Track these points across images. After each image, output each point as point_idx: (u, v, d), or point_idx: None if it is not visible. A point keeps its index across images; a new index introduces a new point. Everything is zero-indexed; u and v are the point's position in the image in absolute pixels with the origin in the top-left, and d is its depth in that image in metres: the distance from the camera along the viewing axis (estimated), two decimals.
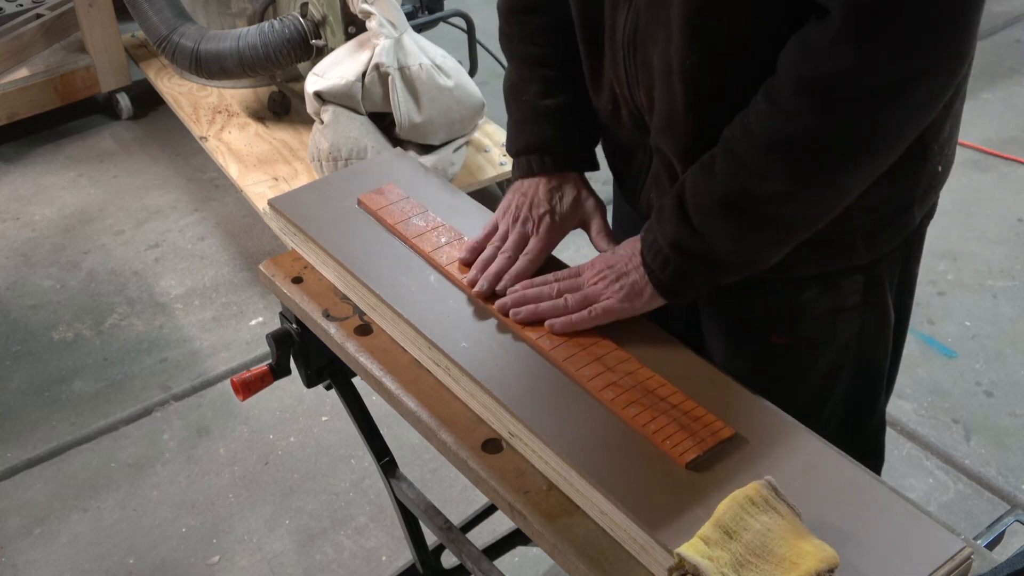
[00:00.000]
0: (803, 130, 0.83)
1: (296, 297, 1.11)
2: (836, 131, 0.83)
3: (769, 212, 0.88)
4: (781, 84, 0.83)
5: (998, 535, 1.58)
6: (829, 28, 0.79)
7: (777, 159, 0.85)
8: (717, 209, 0.89)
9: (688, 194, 0.91)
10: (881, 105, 0.81)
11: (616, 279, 0.96)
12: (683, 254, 0.92)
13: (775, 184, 0.86)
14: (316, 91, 2.31)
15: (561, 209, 1.07)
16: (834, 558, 0.73)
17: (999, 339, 2.29)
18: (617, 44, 0.98)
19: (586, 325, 0.96)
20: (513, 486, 0.87)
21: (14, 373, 2.28)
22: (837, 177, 0.86)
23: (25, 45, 3.08)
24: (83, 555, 1.87)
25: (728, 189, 0.88)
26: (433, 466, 1.98)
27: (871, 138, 0.84)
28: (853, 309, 1.06)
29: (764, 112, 0.85)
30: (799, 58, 0.82)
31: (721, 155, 0.89)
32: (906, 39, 0.78)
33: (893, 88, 0.80)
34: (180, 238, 2.71)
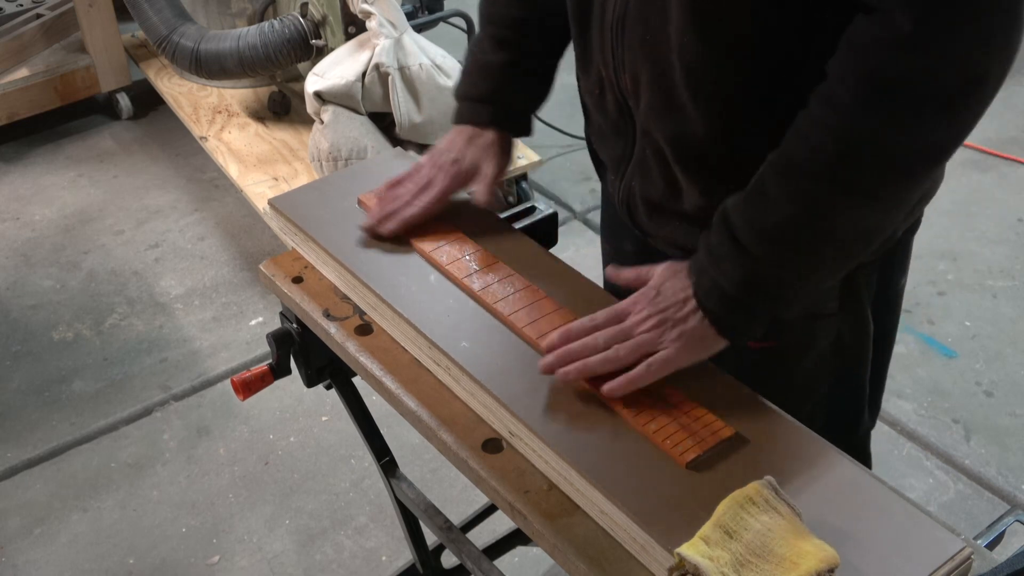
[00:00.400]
0: (878, 136, 0.79)
1: (296, 297, 1.11)
2: (915, 133, 0.79)
3: (845, 228, 0.84)
4: (844, 89, 0.79)
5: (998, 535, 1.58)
6: (896, 26, 0.75)
7: (851, 170, 0.81)
8: (784, 236, 0.84)
9: (742, 228, 0.86)
10: (960, 101, 0.78)
11: (673, 325, 0.89)
12: (752, 292, 0.87)
13: (850, 198, 0.82)
14: (316, 91, 2.31)
15: (468, 158, 1.10)
16: (834, 558, 0.73)
17: (999, 339, 2.30)
18: (606, 25, 0.96)
19: (647, 381, 0.88)
20: (513, 486, 0.87)
21: (14, 373, 2.28)
22: (914, 180, 0.83)
23: (25, 45, 3.09)
24: (83, 555, 1.87)
25: (794, 212, 0.83)
26: (433, 466, 1.98)
27: (949, 135, 0.80)
28: (830, 316, 1.05)
29: (825, 122, 0.81)
30: (862, 59, 0.78)
31: (774, 178, 0.84)
32: (981, 31, 0.75)
33: (972, 82, 0.77)
34: (180, 238, 2.71)
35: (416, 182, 1.11)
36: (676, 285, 0.91)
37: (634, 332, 0.90)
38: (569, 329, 0.92)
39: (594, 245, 2.65)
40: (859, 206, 0.83)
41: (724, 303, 0.87)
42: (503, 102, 1.12)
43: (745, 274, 0.86)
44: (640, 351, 0.89)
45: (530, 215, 1.25)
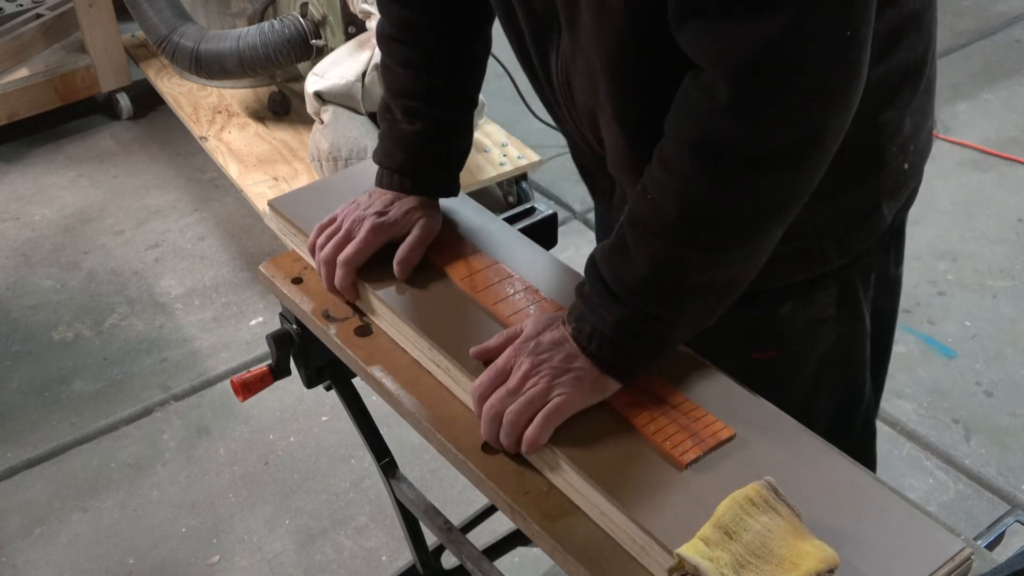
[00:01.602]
0: (712, 197, 0.80)
1: (296, 298, 1.11)
2: (749, 193, 0.80)
3: (699, 280, 0.85)
4: (676, 151, 0.81)
5: (998, 535, 1.57)
6: (715, 93, 0.76)
7: (691, 229, 0.82)
8: (647, 290, 0.85)
9: (610, 278, 0.87)
10: (787, 163, 0.78)
11: (560, 373, 0.88)
12: (632, 336, 0.87)
13: (701, 255, 0.83)
14: (316, 91, 2.31)
15: (392, 214, 1.08)
16: (834, 559, 0.73)
17: (999, 339, 2.29)
18: (554, 88, 0.98)
19: (548, 432, 0.86)
20: (513, 487, 0.87)
21: (14, 373, 2.28)
22: (762, 234, 0.83)
23: (25, 45, 3.08)
24: (83, 555, 1.87)
25: (651, 268, 0.84)
26: (433, 466, 1.98)
27: (788, 191, 0.81)
28: (829, 320, 1.05)
29: (664, 183, 0.82)
30: (689, 123, 0.79)
31: (631, 233, 0.85)
32: (801, 95, 0.75)
33: (800, 142, 0.77)
34: (180, 238, 2.71)
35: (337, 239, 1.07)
36: (554, 335, 0.90)
37: (523, 388, 0.87)
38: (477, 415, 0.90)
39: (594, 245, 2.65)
40: (712, 261, 0.83)
41: (607, 347, 0.87)
42: (423, 171, 1.10)
43: (622, 319, 0.86)
44: (533, 407, 0.86)
45: (530, 215, 1.26)
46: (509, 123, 2.83)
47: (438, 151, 1.11)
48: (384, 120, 1.12)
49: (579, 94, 0.94)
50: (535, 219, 1.25)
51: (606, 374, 0.88)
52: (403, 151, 1.09)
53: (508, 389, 0.88)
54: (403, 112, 1.09)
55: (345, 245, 1.06)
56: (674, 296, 0.85)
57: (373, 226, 1.06)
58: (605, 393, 0.89)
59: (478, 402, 0.90)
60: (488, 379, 0.90)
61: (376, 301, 1.05)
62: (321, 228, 1.09)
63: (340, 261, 1.05)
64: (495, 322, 1.00)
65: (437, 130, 1.09)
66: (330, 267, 1.06)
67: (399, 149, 1.10)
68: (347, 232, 1.07)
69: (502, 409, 0.87)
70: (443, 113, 1.09)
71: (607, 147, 0.96)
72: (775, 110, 0.75)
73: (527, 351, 0.89)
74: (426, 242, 1.08)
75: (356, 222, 1.07)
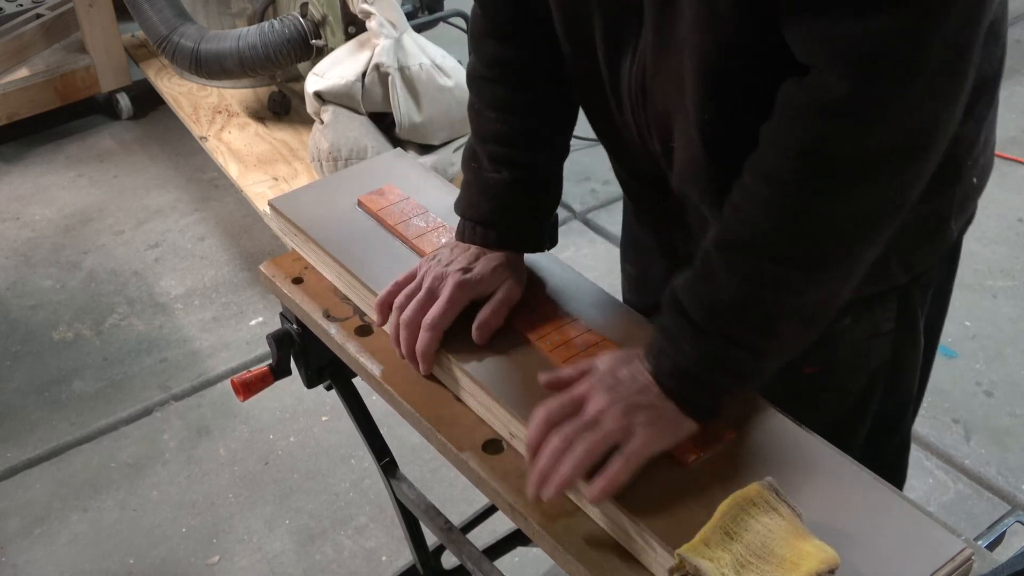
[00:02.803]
0: (815, 207, 0.76)
1: (296, 298, 1.11)
2: (854, 202, 0.76)
3: (792, 303, 0.80)
4: (776, 159, 0.76)
5: (998, 536, 1.58)
6: (828, 89, 0.72)
7: (789, 243, 0.77)
8: (736, 315, 0.80)
9: (692, 307, 0.82)
10: (897, 165, 0.75)
11: (640, 411, 0.82)
12: (715, 369, 0.82)
13: (796, 272, 0.78)
14: (316, 91, 2.31)
15: (477, 271, 0.99)
16: (835, 559, 0.73)
17: (999, 339, 2.29)
18: (622, 93, 0.92)
19: (627, 477, 0.80)
20: (513, 487, 0.87)
21: (14, 373, 2.28)
22: (862, 246, 0.79)
23: (25, 45, 3.08)
24: (83, 555, 1.87)
25: (741, 290, 0.79)
26: (433, 466, 1.98)
27: (893, 199, 0.77)
28: (887, 334, 1.02)
29: (760, 195, 0.77)
30: (794, 127, 0.75)
31: (719, 256, 0.80)
32: (920, 91, 0.72)
33: (913, 144, 0.74)
34: (180, 238, 2.71)
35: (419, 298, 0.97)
36: (632, 369, 0.85)
37: (601, 421, 0.82)
38: (529, 440, 0.84)
39: (594, 245, 2.65)
40: (809, 280, 0.79)
41: (688, 383, 0.82)
42: (510, 224, 1.01)
43: (705, 352, 0.81)
44: (609, 441, 0.81)
45: None
46: None
47: (527, 202, 1.02)
48: (468, 169, 1.04)
49: (657, 99, 0.88)
50: None
51: (686, 414, 0.83)
52: (488, 201, 1.01)
53: (583, 420, 0.82)
54: (490, 159, 1.01)
55: (428, 305, 0.96)
56: (764, 321, 0.80)
57: (458, 283, 0.97)
58: (683, 435, 0.84)
59: (544, 426, 0.83)
60: (560, 405, 0.84)
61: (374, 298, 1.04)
62: (398, 285, 1.00)
63: (426, 324, 0.95)
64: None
65: (526, 179, 1.01)
66: (412, 330, 0.96)
67: (484, 199, 1.01)
68: (429, 291, 0.97)
69: (575, 438, 0.81)
70: (534, 160, 1.01)
71: (677, 158, 0.90)
72: (890, 108, 0.72)
73: (604, 386, 0.84)
74: (511, 304, 0.99)
75: (438, 279, 0.98)
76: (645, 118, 0.92)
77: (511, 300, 0.99)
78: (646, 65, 0.88)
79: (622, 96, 0.92)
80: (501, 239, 1.01)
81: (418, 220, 1.14)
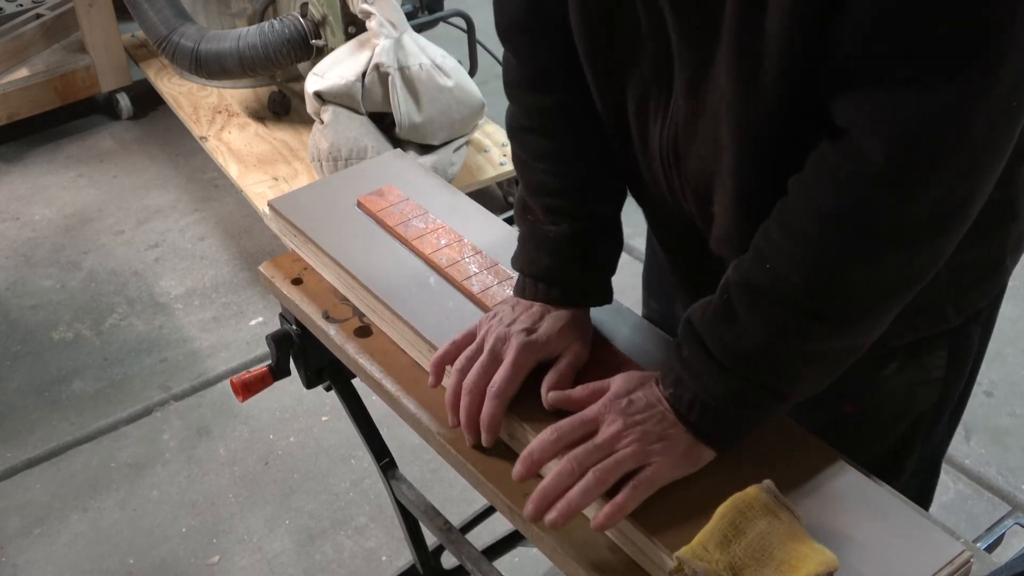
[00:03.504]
0: (846, 270, 0.74)
1: (296, 298, 1.11)
2: (887, 266, 0.74)
3: (818, 349, 0.78)
4: (808, 220, 0.74)
5: (998, 537, 1.57)
6: (865, 156, 0.70)
7: (817, 302, 0.76)
8: (760, 359, 0.78)
9: (714, 345, 0.80)
10: (931, 235, 0.73)
11: (656, 439, 0.80)
12: (738, 405, 0.80)
13: (818, 326, 0.76)
14: (316, 91, 2.31)
15: (542, 332, 0.92)
16: (833, 562, 0.73)
17: (999, 339, 2.28)
18: (653, 154, 0.89)
19: (636, 505, 0.78)
20: (512, 488, 0.87)
21: (14, 373, 2.28)
22: (891, 304, 0.77)
23: (25, 45, 3.08)
24: (83, 555, 1.87)
25: (766, 337, 0.77)
26: (433, 466, 1.98)
27: (926, 262, 0.75)
28: (935, 381, 0.99)
29: (789, 251, 0.75)
30: (827, 191, 0.73)
31: (743, 300, 0.78)
32: (960, 163, 0.70)
33: (950, 214, 0.72)
34: (180, 238, 2.71)
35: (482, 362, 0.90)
36: (649, 395, 0.82)
37: (615, 447, 0.79)
38: (531, 452, 0.81)
39: None
40: (835, 333, 0.77)
41: (710, 416, 0.80)
42: (573, 278, 0.95)
43: (728, 389, 0.79)
44: (622, 469, 0.79)
45: None
46: None
47: (588, 254, 0.96)
48: (524, 222, 0.98)
49: (692, 164, 0.85)
50: None
51: (702, 443, 0.81)
52: (548, 256, 0.95)
53: (596, 444, 0.80)
54: (545, 212, 0.95)
55: (492, 371, 0.89)
56: (790, 367, 0.79)
57: (523, 346, 0.90)
58: (698, 464, 0.82)
59: (553, 443, 0.81)
60: (572, 427, 0.81)
61: (372, 298, 1.04)
62: (456, 345, 0.93)
63: (492, 393, 0.88)
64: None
65: (585, 230, 0.95)
66: (476, 398, 0.89)
67: (543, 254, 0.95)
68: (492, 353, 0.90)
69: (587, 463, 0.79)
70: (591, 209, 0.95)
71: (716, 222, 0.87)
72: (930, 181, 0.70)
73: (618, 409, 0.81)
74: (578, 367, 0.93)
75: (500, 341, 0.91)
76: (679, 180, 0.88)
77: (579, 363, 0.93)
78: (678, 130, 0.85)
79: (652, 159, 0.89)
80: (566, 296, 0.94)
81: (418, 221, 1.13)
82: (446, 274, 1.06)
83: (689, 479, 0.82)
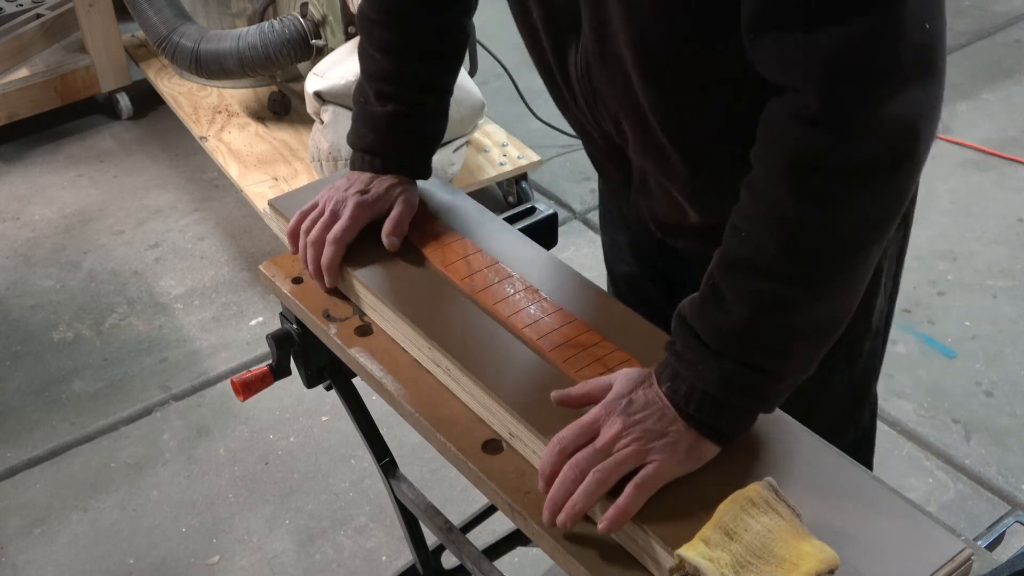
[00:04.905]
0: (811, 221, 0.77)
1: (296, 297, 1.11)
2: (847, 211, 0.76)
3: (803, 322, 0.80)
4: (767, 178, 0.78)
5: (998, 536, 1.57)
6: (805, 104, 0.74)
7: (794, 262, 0.78)
8: (749, 337, 0.80)
9: (705, 331, 0.81)
10: (885, 169, 0.75)
11: (656, 437, 0.81)
12: (734, 391, 0.81)
13: (799, 291, 0.78)
14: (316, 91, 2.31)
15: (372, 193, 1.10)
16: (834, 559, 0.73)
17: (999, 339, 2.29)
18: (572, 82, 0.97)
19: (639, 506, 0.79)
20: (513, 487, 0.87)
21: (14, 373, 2.28)
22: (863, 255, 0.80)
23: (25, 45, 3.08)
24: (83, 555, 1.87)
25: (752, 313, 0.79)
26: (433, 466, 1.98)
27: (884, 206, 0.78)
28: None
29: (759, 217, 0.79)
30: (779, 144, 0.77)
31: (726, 279, 0.81)
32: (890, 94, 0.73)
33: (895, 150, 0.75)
34: (180, 238, 2.71)
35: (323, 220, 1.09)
36: (648, 393, 0.84)
37: (613, 449, 0.81)
38: (543, 468, 0.83)
39: (594, 245, 2.65)
40: (816, 297, 0.79)
41: (707, 407, 0.81)
42: (394, 152, 1.12)
43: (723, 374, 0.80)
44: (623, 469, 0.80)
45: (530, 215, 1.26)
46: (509, 123, 2.83)
47: (409, 132, 1.13)
48: (356, 103, 1.14)
49: (603, 85, 0.94)
50: (535, 219, 1.25)
51: (703, 437, 0.82)
52: (373, 132, 1.12)
53: (596, 448, 0.81)
54: (376, 95, 1.11)
55: (332, 224, 1.08)
56: (779, 342, 0.80)
57: (357, 203, 1.09)
58: (700, 461, 0.82)
59: (558, 456, 0.82)
60: (573, 434, 0.83)
61: (372, 297, 1.04)
62: (303, 214, 1.11)
63: (329, 239, 1.07)
64: (495, 323, 1.00)
65: (409, 112, 1.11)
66: (318, 247, 1.08)
67: (369, 130, 1.12)
68: (332, 213, 1.09)
69: (587, 468, 0.80)
70: (416, 97, 1.12)
71: (632, 139, 0.96)
72: (867, 113, 0.73)
73: (619, 410, 0.83)
74: (410, 215, 1.11)
75: (339, 203, 1.09)
76: (596, 103, 0.97)
77: (409, 212, 1.11)
78: (588, 57, 0.93)
79: (572, 82, 0.98)
80: (386, 165, 1.12)
81: (417, 220, 1.14)
82: (446, 273, 1.06)
83: (690, 477, 0.82)
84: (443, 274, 1.07)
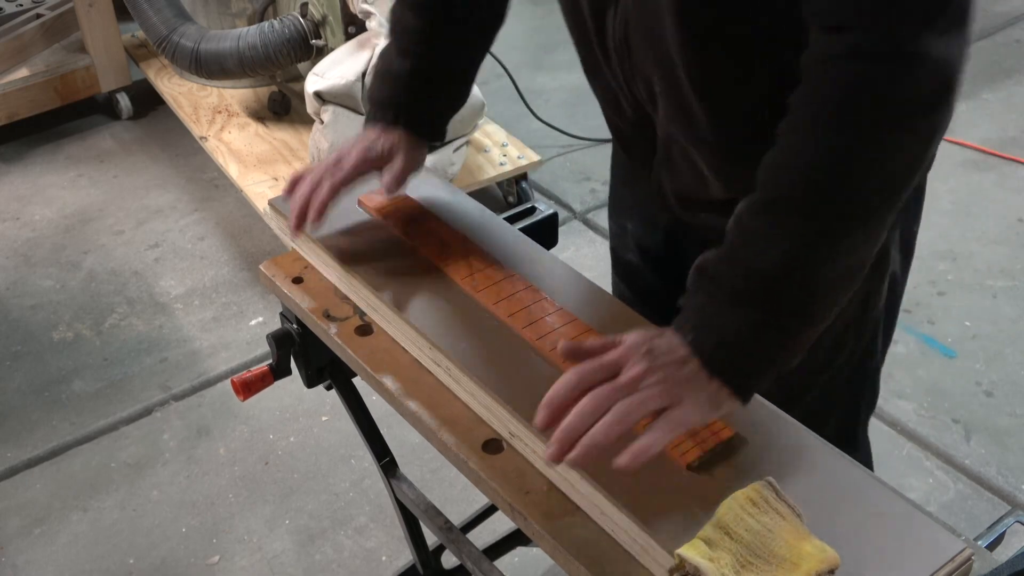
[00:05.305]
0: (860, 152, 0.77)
1: (296, 297, 1.11)
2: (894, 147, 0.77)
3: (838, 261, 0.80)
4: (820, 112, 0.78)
5: (998, 536, 1.57)
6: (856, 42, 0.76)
7: (833, 194, 0.78)
8: (782, 274, 0.79)
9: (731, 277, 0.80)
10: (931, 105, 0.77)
11: (679, 384, 0.79)
12: (758, 340, 0.80)
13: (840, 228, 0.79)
14: (316, 91, 2.31)
15: (378, 147, 1.10)
16: (835, 559, 0.73)
17: (999, 339, 2.29)
18: (608, 46, 0.98)
19: (663, 445, 0.77)
20: (513, 487, 0.87)
21: (14, 373, 2.28)
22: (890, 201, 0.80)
23: (25, 45, 3.08)
24: (83, 555, 1.87)
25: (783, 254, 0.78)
26: (433, 466, 1.98)
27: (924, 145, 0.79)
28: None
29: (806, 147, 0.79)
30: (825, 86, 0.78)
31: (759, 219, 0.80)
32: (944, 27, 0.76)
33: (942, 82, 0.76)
34: (180, 238, 2.71)
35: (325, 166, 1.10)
36: (670, 342, 0.81)
37: (638, 387, 0.78)
38: (552, 398, 0.79)
39: (594, 245, 2.65)
40: (851, 231, 0.79)
41: (736, 355, 0.80)
42: (408, 106, 1.12)
43: (746, 323, 0.79)
44: (646, 408, 0.77)
45: (530, 215, 1.26)
46: (509, 123, 2.83)
47: (428, 91, 1.12)
48: (381, 58, 1.14)
49: (641, 46, 0.94)
50: (535, 219, 1.25)
51: (726, 388, 0.80)
52: (390, 86, 1.12)
53: (617, 385, 0.78)
54: (398, 51, 1.12)
55: (333, 171, 1.08)
56: (809, 285, 0.79)
57: (362, 152, 1.09)
58: (721, 411, 0.81)
59: (574, 389, 0.79)
60: (592, 369, 0.79)
61: (373, 297, 1.05)
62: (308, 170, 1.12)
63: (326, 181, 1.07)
64: (496, 322, 1.00)
65: (430, 72, 1.11)
66: (313, 185, 1.07)
67: (386, 84, 1.13)
68: (336, 160, 1.09)
69: (608, 402, 0.77)
70: (434, 54, 1.11)
71: (661, 103, 0.97)
72: (917, 47, 0.75)
73: (641, 353, 0.80)
74: (411, 170, 1.11)
75: (344, 152, 1.10)
76: (630, 66, 0.97)
77: (411, 167, 1.11)
78: (628, 17, 0.94)
79: (608, 47, 0.98)
80: (398, 117, 1.11)
81: (418, 220, 1.14)
82: (447, 273, 1.06)
83: (690, 476, 0.82)
84: (444, 274, 1.07)
